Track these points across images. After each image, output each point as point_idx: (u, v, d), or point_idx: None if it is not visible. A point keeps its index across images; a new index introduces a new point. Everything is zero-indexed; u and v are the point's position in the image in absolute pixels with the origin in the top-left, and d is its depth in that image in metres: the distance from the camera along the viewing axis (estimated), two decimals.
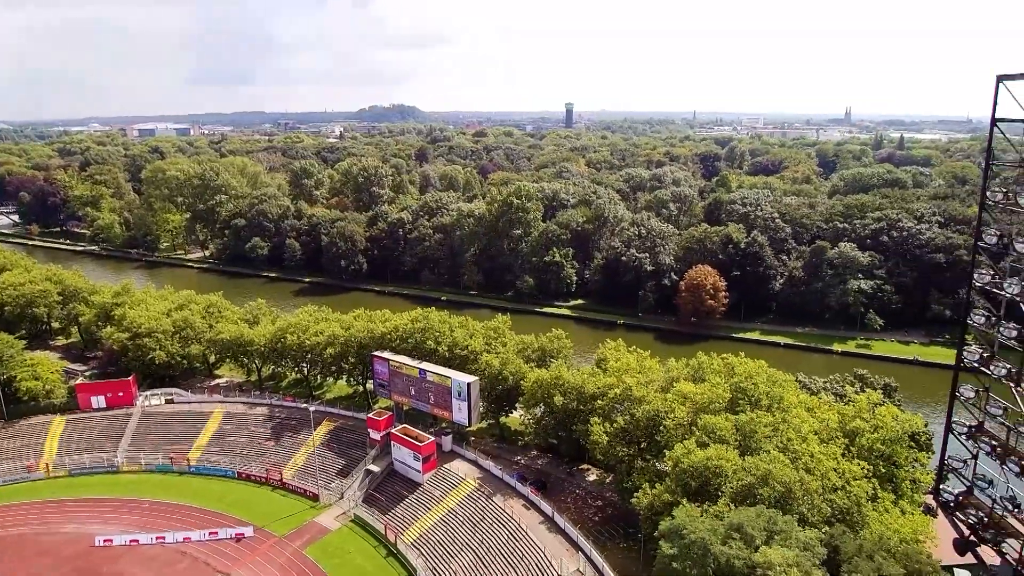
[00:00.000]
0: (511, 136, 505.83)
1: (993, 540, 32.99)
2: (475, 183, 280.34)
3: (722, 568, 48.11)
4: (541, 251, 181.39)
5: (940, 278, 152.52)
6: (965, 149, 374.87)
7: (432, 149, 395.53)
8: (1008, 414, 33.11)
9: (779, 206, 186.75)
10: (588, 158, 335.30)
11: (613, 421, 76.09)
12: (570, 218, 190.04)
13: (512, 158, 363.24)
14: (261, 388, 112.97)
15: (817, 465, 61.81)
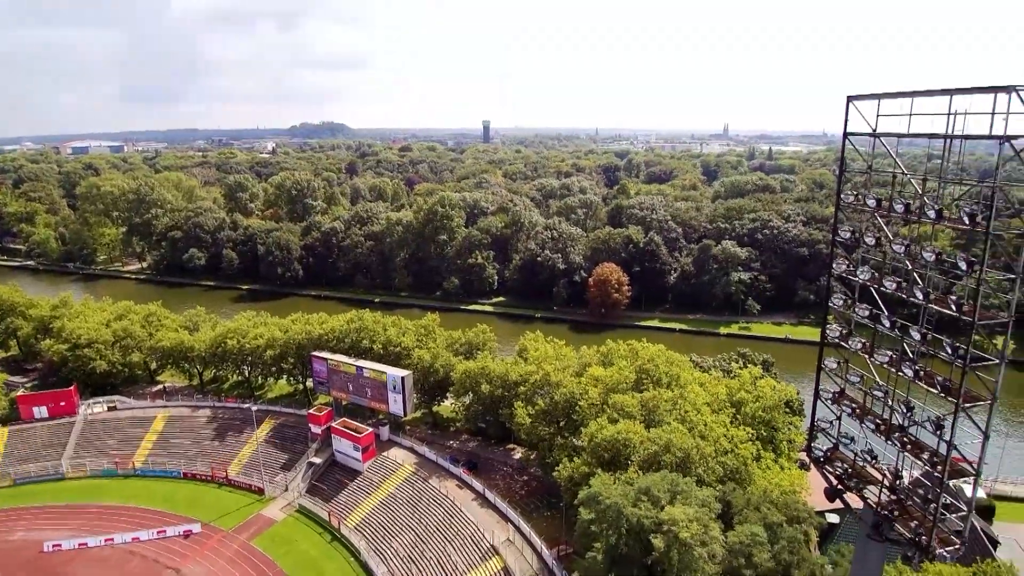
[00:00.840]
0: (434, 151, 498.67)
1: (856, 487, 35.15)
2: (402, 194, 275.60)
3: (634, 527, 49.23)
4: (465, 254, 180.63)
5: (805, 268, 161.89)
6: (822, 159, 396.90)
7: (361, 163, 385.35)
8: (864, 381, 35.30)
9: (671, 210, 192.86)
10: (504, 170, 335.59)
11: (535, 404, 76.58)
12: (490, 224, 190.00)
13: (436, 171, 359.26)
14: (203, 391, 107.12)
15: (710, 432, 64.34)
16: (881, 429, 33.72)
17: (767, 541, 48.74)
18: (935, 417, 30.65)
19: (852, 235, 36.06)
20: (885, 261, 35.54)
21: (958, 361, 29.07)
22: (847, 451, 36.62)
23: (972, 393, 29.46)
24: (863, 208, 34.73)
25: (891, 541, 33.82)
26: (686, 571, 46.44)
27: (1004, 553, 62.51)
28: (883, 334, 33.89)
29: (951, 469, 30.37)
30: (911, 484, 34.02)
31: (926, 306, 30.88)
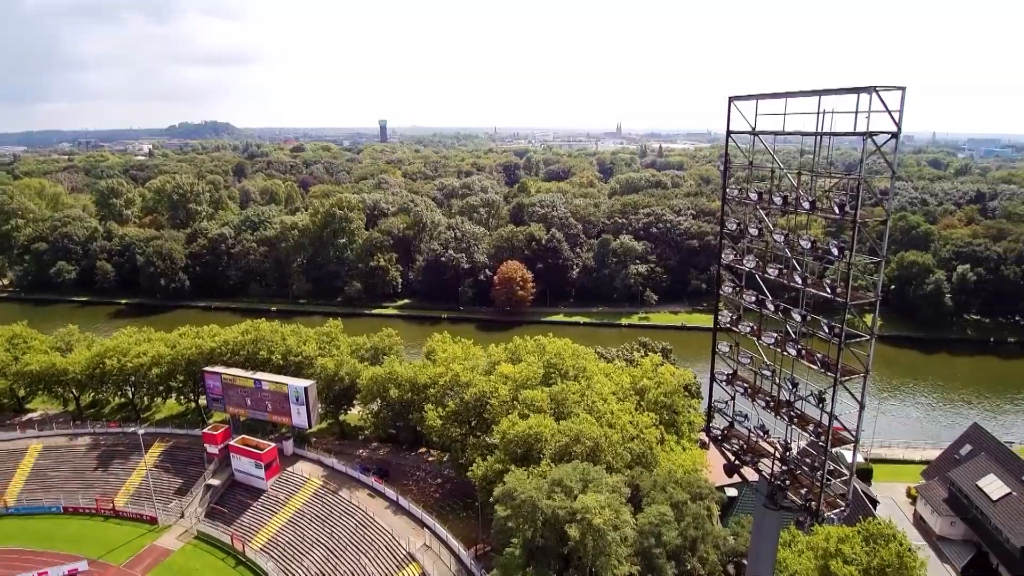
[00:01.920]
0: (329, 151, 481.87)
1: (752, 461, 37.61)
2: (297, 196, 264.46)
3: (549, 519, 50.15)
4: (366, 257, 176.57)
5: (696, 259, 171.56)
6: (708, 156, 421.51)
7: (250, 165, 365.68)
8: (753, 362, 37.72)
9: (571, 207, 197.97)
10: (404, 170, 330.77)
11: (445, 406, 76.14)
12: (391, 225, 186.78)
13: (332, 171, 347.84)
14: (82, 417, 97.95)
15: (617, 420, 66.71)
16: (771, 405, 36.30)
17: (674, 519, 51.32)
18: (817, 391, 33.41)
19: (738, 227, 38.57)
20: (767, 250, 38.15)
21: (834, 339, 31.81)
22: (742, 428, 39.10)
23: (848, 367, 32.33)
24: (746, 201, 37.18)
25: (785, 508, 36.51)
26: (601, 556, 47.94)
27: (883, 511, 69.31)
28: (768, 317, 36.45)
29: (833, 438, 33.21)
30: (799, 454, 36.88)
31: (804, 290, 33.56)
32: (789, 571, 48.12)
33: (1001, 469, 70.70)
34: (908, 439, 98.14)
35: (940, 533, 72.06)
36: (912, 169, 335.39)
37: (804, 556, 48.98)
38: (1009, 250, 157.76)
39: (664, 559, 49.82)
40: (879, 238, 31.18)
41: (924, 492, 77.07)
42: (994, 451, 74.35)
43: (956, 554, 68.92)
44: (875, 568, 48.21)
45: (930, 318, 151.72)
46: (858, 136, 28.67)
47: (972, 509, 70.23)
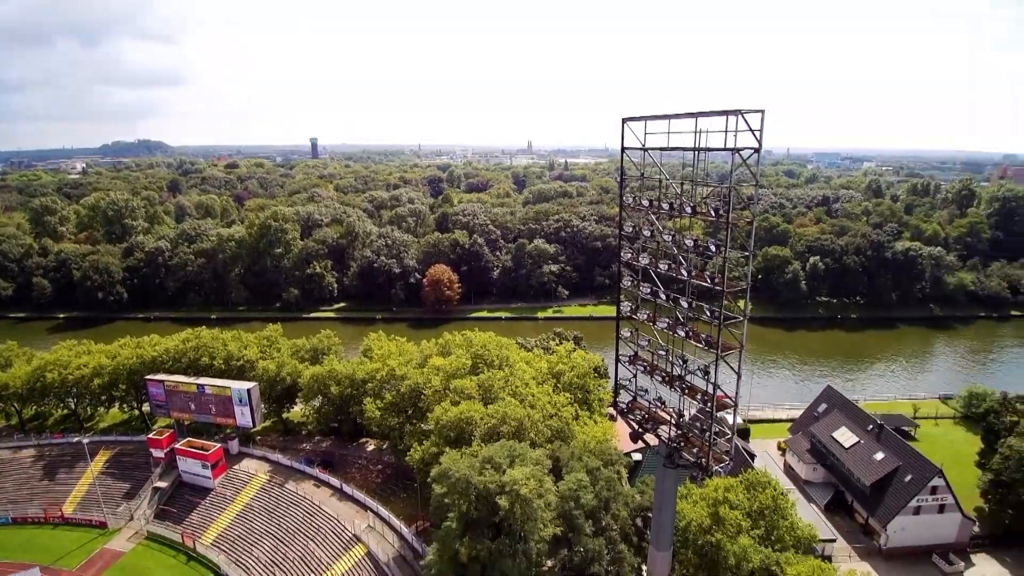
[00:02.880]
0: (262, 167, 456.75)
1: (652, 429, 39.19)
2: (232, 210, 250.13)
3: (481, 493, 50.17)
4: (302, 265, 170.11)
5: (600, 258, 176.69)
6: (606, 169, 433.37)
7: (184, 181, 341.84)
8: (651, 344, 39.33)
9: (490, 215, 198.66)
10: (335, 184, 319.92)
11: (383, 398, 74.66)
12: (325, 235, 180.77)
13: (266, 186, 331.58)
14: (24, 430, 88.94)
15: (537, 401, 67.64)
16: (666, 380, 38.12)
17: (590, 484, 52.68)
18: (703, 366, 35.42)
19: (634, 229, 40.19)
20: (659, 248, 40.00)
21: (715, 321, 33.84)
22: (643, 401, 40.79)
23: (727, 344, 34.46)
24: (640, 207, 38.83)
25: (681, 466, 38.46)
26: (528, 521, 48.57)
27: (759, 463, 73.88)
28: (662, 305, 38.27)
29: (717, 404, 35.31)
30: (691, 420, 38.91)
31: (690, 281, 35.47)
32: (686, 519, 50.56)
33: (850, 422, 77.22)
34: (777, 402, 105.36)
35: (805, 478, 77.81)
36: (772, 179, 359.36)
37: (698, 505, 51.63)
38: (849, 243, 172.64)
39: (583, 519, 51.10)
40: (747, 236, 33.44)
41: (791, 445, 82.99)
42: (844, 408, 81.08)
43: (819, 494, 74.67)
44: (755, 511, 51.58)
45: (789, 301, 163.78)
46: (728, 151, 30.58)
47: (829, 456, 76.34)
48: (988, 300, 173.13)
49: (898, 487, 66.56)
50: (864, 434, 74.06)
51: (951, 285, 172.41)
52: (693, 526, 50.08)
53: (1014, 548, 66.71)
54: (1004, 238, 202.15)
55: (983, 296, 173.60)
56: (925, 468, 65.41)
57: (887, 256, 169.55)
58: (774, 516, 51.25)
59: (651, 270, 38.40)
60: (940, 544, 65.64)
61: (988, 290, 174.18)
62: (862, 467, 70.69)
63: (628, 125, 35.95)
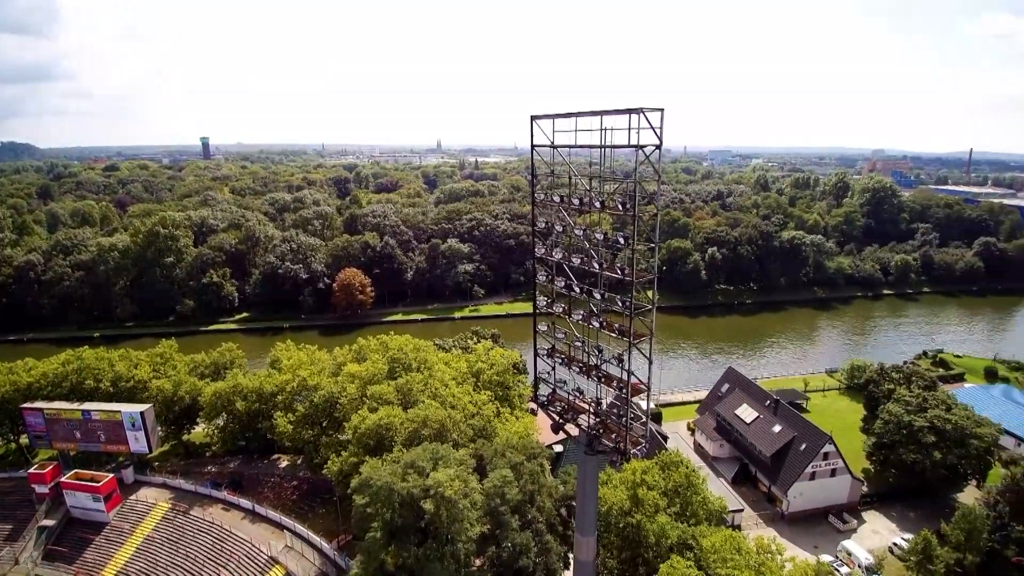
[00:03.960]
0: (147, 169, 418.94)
1: (572, 419, 40.38)
2: (114, 217, 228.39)
3: (405, 499, 49.50)
4: (197, 274, 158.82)
5: (514, 256, 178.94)
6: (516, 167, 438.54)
7: (57, 187, 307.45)
8: (567, 336, 40.52)
9: (401, 216, 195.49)
10: (231, 186, 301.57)
11: (295, 411, 71.71)
12: (222, 241, 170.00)
13: (152, 190, 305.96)
14: None
15: (458, 402, 67.65)
16: (583, 370, 39.46)
17: (514, 479, 53.44)
18: (617, 354, 37.02)
19: (546, 225, 41.25)
20: (571, 243, 41.26)
21: (626, 311, 35.47)
22: (563, 392, 41.96)
23: (638, 333, 36.23)
24: (551, 204, 39.89)
25: (601, 452, 39.96)
26: (455, 523, 48.52)
27: (672, 443, 78.15)
28: (576, 298, 39.58)
29: (632, 390, 37.06)
30: (608, 408, 40.59)
31: (601, 273, 36.95)
32: (608, 503, 52.65)
33: (751, 399, 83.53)
34: (685, 385, 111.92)
35: (713, 454, 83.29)
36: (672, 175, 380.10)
37: (618, 489, 53.91)
38: (742, 234, 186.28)
39: (509, 514, 51.77)
40: (652, 230, 35.36)
41: (699, 425, 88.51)
42: (745, 386, 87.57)
43: (726, 468, 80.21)
44: (671, 489, 54.64)
45: (692, 290, 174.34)
46: (631, 148, 32.14)
47: (734, 433, 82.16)
48: (863, 281, 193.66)
49: (795, 456, 72.91)
50: (763, 409, 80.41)
51: (831, 269, 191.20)
52: (614, 509, 52.25)
53: (898, 503, 75.18)
54: (875, 225, 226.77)
55: (859, 278, 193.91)
56: (817, 437, 72.12)
57: (775, 245, 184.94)
58: (688, 493, 54.58)
59: (564, 265, 39.56)
60: (834, 505, 72.71)
61: (863, 272, 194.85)
62: (762, 440, 76.74)
63: (537, 123, 36.79)
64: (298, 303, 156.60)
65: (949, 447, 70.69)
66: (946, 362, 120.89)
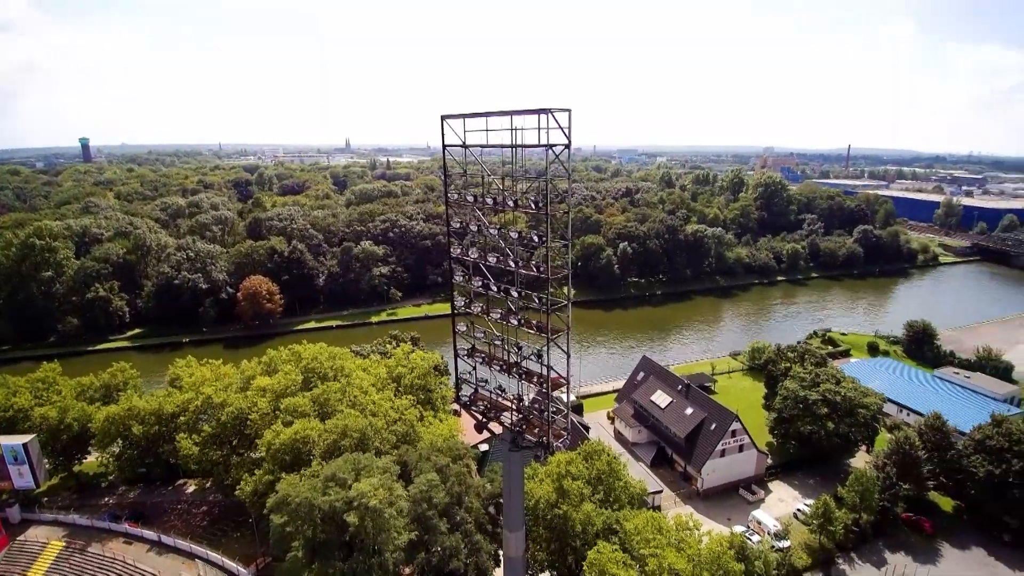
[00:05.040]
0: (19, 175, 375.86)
1: (496, 417, 40.81)
2: None
3: (327, 513, 48.06)
4: (81, 288, 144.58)
5: (431, 257, 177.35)
6: (430, 167, 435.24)
7: None
8: (486, 335, 40.87)
9: (310, 219, 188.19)
10: (117, 191, 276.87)
11: (200, 431, 67.46)
12: (108, 251, 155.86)
13: (25, 197, 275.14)
14: None
15: (379, 408, 66.41)
16: (504, 368, 39.98)
17: (441, 482, 53.24)
18: (536, 350, 37.83)
19: (461, 225, 41.31)
20: (486, 242, 41.61)
21: (543, 307, 36.32)
22: (485, 391, 42.29)
23: (555, 328, 37.17)
24: (465, 203, 40.04)
25: (525, 448, 40.69)
26: (381, 533, 47.65)
27: (593, 433, 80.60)
28: (493, 297, 40.00)
29: (552, 384, 38.00)
30: (531, 403, 41.33)
31: (517, 272, 37.60)
32: (535, 497, 53.67)
33: (665, 385, 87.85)
34: (603, 376, 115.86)
35: (633, 440, 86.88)
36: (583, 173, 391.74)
37: (544, 482, 55.07)
38: (650, 229, 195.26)
39: (437, 518, 51.49)
40: (565, 227, 36.38)
41: (618, 413, 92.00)
42: (659, 373, 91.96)
43: (645, 453, 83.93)
44: (594, 477, 56.53)
45: (606, 284, 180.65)
46: (542, 147, 32.92)
47: (650, 418, 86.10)
48: (759, 269, 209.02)
49: (706, 436, 77.58)
50: (676, 394, 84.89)
51: (731, 259, 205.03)
52: (542, 502, 53.35)
53: (799, 472, 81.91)
54: (767, 217, 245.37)
55: (755, 266, 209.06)
56: (725, 416, 77.11)
57: (680, 238, 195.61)
58: (610, 479, 56.71)
59: (481, 264, 39.84)
60: (743, 479, 78.10)
61: (759, 261, 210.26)
62: (677, 423, 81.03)
63: (447, 123, 36.79)
64: (198, 316, 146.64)
65: (840, 417, 78.00)
66: (834, 340, 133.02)
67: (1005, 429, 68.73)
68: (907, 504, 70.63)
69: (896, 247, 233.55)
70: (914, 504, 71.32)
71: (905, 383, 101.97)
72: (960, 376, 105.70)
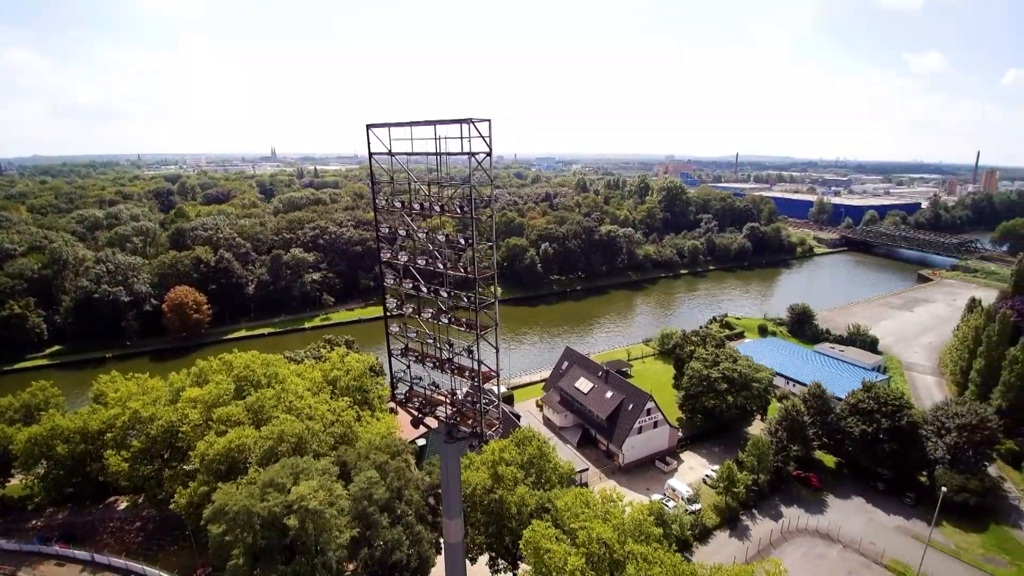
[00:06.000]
0: None
1: (431, 412, 40.36)
2: None
3: (267, 519, 45.75)
4: None
5: (362, 262, 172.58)
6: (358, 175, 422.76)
7: None
8: (419, 335, 40.33)
9: (236, 227, 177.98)
10: (29, 204, 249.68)
11: (129, 446, 62.32)
12: (22, 267, 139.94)
13: None
14: None
15: (315, 412, 63.93)
16: (437, 365, 39.57)
17: (381, 478, 52.01)
18: (467, 346, 37.75)
19: (390, 230, 40.46)
20: (416, 246, 41.05)
21: (472, 306, 36.29)
22: (420, 388, 41.70)
23: (484, 325, 37.24)
24: (394, 209, 39.27)
25: (460, 439, 40.47)
26: (323, 533, 45.95)
27: (524, 421, 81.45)
28: (424, 298, 39.51)
29: (483, 378, 38.04)
30: (465, 397, 41.17)
31: (446, 273, 37.34)
32: (472, 485, 53.52)
33: (587, 372, 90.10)
34: (531, 367, 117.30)
35: (560, 425, 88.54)
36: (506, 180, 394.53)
37: (480, 470, 55.04)
38: (569, 230, 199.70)
39: (378, 513, 50.25)
40: (491, 230, 36.52)
41: (546, 400, 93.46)
42: (581, 362, 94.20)
43: (572, 435, 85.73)
44: (526, 462, 57.09)
45: (530, 282, 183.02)
46: (465, 155, 32.86)
47: (575, 403, 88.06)
48: (665, 264, 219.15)
49: (624, 415, 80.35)
50: (597, 380, 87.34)
51: (641, 256, 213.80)
52: (478, 489, 53.30)
53: (706, 442, 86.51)
54: (670, 217, 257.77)
55: (661, 261, 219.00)
56: (641, 397, 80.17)
57: (596, 238, 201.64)
58: (541, 462, 57.51)
59: (411, 267, 39.25)
60: (658, 452, 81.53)
61: (665, 257, 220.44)
62: (598, 406, 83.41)
63: (373, 131, 35.94)
64: (122, 329, 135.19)
65: (738, 391, 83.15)
66: (730, 324, 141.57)
67: (874, 393, 75.86)
68: (797, 463, 76.44)
69: (779, 241, 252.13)
70: (803, 463, 77.30)
71: (790, 358, 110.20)
72: (835, 350, 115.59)
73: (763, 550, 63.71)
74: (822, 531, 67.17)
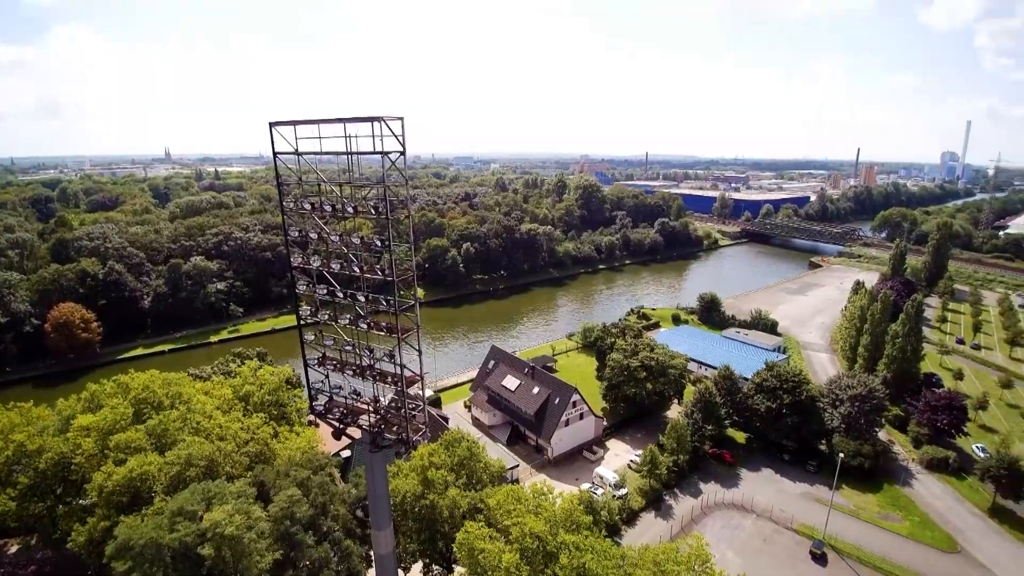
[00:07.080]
0: None
1: (354, 422, 39.10)
2: None
3: (179, 550, 42.34)
4: None
5: (272, 268, 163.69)
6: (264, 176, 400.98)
7: None
8: (336, 342, 38.94)
9: (127, 236, 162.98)
10: None
11: (15, 484, 55.56)
12: None
13: None
14: None
15: (227, 431, 59.87)
16: (358, 372, 38.39)
17: (303, 496, 49.62)
18: (388, 351, 36.87)
19: (301, 234, 38.71)
20: (329, 250, 39.54)
21: (392, 309, 35.51)
22: (340, 398, 40.28)
23: (405, 328, 36.57)
24: (303, 212, 37.59)
25: (386, 447, 39.52)
26: (243, 559, 43.13)
27: (452, 423, 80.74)
28: (341, 303, 38.17)
29: (407, 382, 37.32)
30: (389, 403, 40.21)
31: (363, 276, 36.27)
32: (401, 493, 52.33)
33: (513, 370, 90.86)
34: (458, 368, 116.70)
35: (489, 424, 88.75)
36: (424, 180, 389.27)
37: (409, 477, 53.92)
38: (490, 229, 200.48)
39: (302, 532, 47.87)
40: (408, 231, 35.84)
41: (474, 400, 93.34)
42: (507, 360, 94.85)
43: (501, 433, 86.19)
44: (456, 464, 56.65)
45: (453, 282, 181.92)
46: (378, 155, 32.03)
47: (503, 401, 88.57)
48: (584, 260, 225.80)
49: (552, 410, 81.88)
50: (523, 377, 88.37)
51: (561, 253, 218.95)
52: (408, 496, 52.22)
53: (629, 429, 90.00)
54: (587, 214, 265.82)
55: (581, 258, 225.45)
56: (566, 390, 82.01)
57: (517, 237, 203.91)
58: (471, 463, 57.28)
59: (325, 272, 37.77)
60: (585, 442, 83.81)
61: (583, 253, 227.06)
62: (526, 402, 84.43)
63: (276, 129, 34.25)
64: None
65: (656, 378, 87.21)
66: (646, 315, 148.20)
67: (776, 372, 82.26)
68: (712, 441, 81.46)
69: (687, 235, 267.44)
70: (717, 441, 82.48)
71: (702, 344, 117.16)
72: (740, 334, 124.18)
73: (686, 526, 67.33)
74: (737, 503, 72.01)
